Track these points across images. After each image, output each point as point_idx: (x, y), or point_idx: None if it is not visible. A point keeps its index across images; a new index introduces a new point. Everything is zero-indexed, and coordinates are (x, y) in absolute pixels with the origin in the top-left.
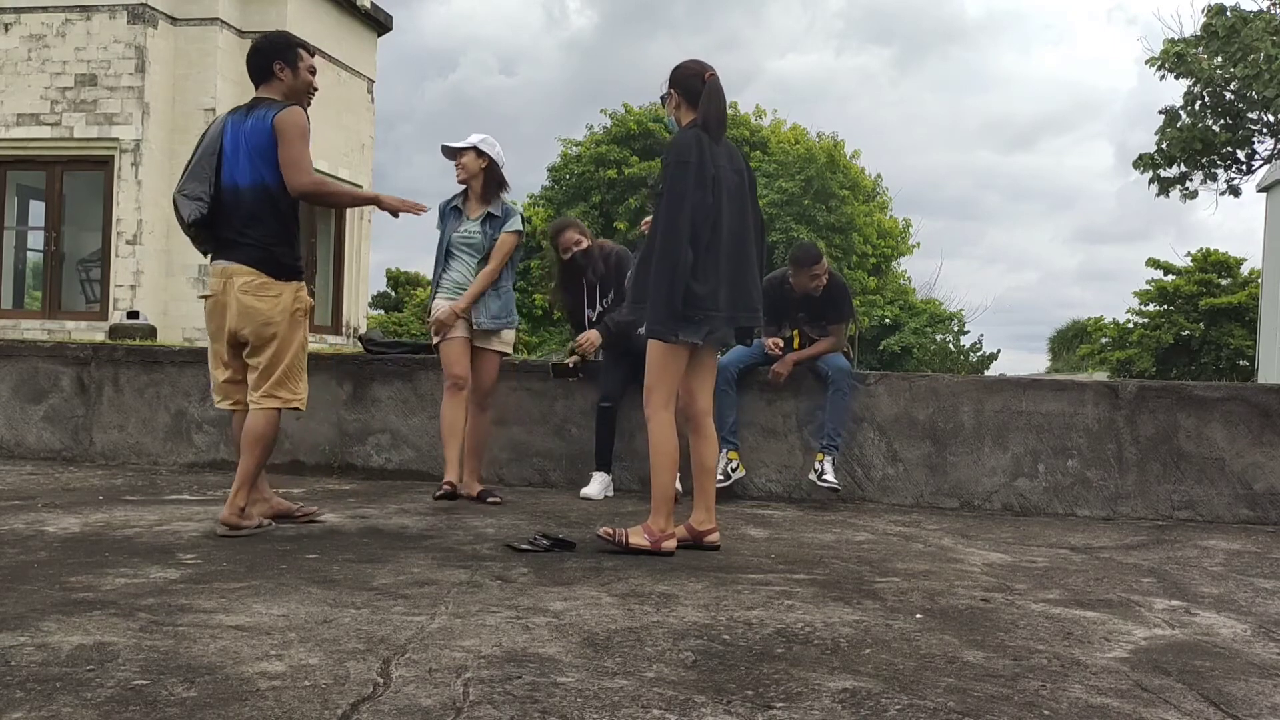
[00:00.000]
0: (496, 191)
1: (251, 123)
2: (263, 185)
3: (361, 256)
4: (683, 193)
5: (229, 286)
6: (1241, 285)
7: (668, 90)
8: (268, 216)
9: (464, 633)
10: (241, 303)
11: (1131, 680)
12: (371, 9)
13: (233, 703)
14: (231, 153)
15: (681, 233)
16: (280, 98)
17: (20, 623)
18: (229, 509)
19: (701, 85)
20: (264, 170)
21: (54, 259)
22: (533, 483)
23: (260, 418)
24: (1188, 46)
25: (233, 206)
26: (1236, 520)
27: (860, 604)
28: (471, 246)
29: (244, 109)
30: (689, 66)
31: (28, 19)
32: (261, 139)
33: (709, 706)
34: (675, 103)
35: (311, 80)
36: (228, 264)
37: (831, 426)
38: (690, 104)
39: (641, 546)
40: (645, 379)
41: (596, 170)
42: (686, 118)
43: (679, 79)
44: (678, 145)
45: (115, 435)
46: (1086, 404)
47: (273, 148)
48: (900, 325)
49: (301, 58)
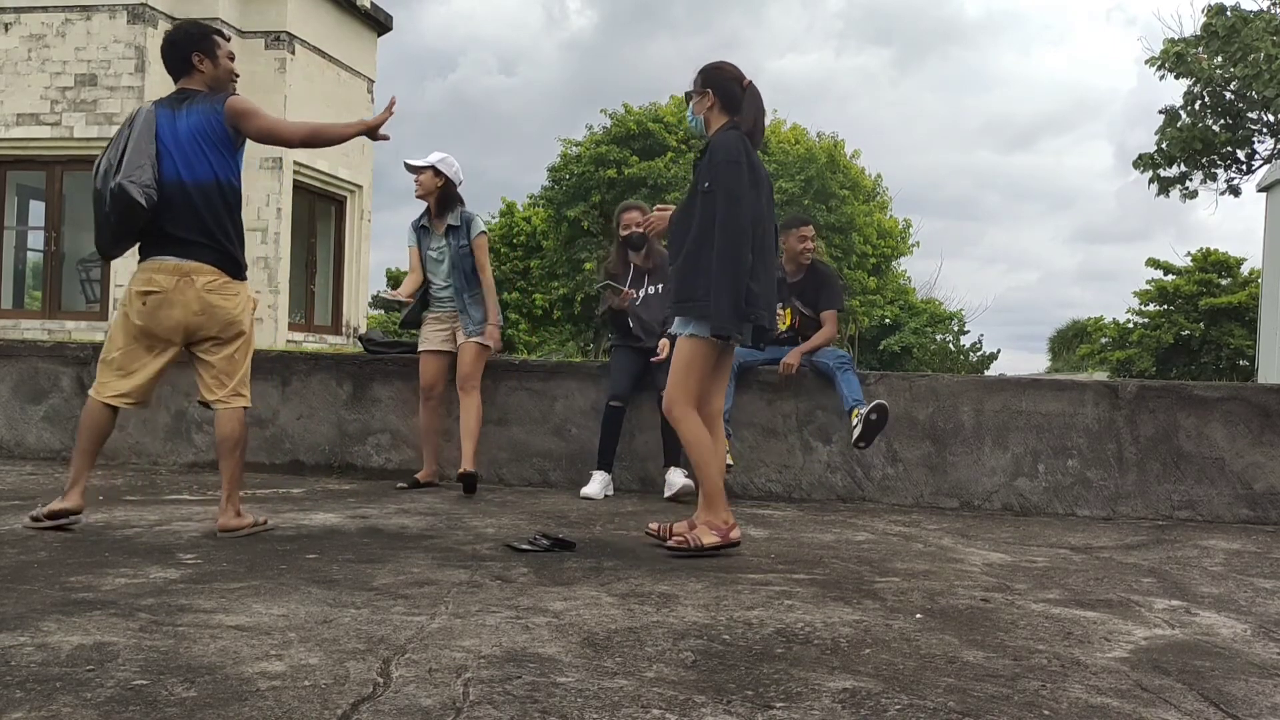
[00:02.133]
0: (452, 206)
1: (194, 117)
2: (215, 182)
3: (361, 256)
4: (739, 192)
5: (187, 285)
6: (1241, 285)
7: (703, 90)
8: (223, 215)
9: (464, 633)
10: (207, 302)
11: (1131, 680)
12: (371, 9)
13: (233, 703)
14: (173, 147)
15: (744, 232)
16: (202, 89)
17: (20, 623)
18: (227, 514)
19: (741, 91)
20: (218, 165)
21: (54, 259)
22: (533, 483)
23: (233, 418)
24: (1188, 46)
25: (180, 203)
26: (1236, 520)
27: (860, 604)
28: (440, 260)
29: (170, 102)
30: (728, 70)
31: (28, 19)
32: (213, 131)
33: (709, 706)
34: (710, 104)
35: (232, 68)
36: (183, 262)
37: (850, 394)
38: (726, 107)
39: (715, 544)
40: (671, 383)
41: (596, 170)
42: (719, 120)
43: (718, 81)
44: (727, 145)
45: (115, 435)
46: (1086, 404)
47: (227, 138)
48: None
49: (219, 45)
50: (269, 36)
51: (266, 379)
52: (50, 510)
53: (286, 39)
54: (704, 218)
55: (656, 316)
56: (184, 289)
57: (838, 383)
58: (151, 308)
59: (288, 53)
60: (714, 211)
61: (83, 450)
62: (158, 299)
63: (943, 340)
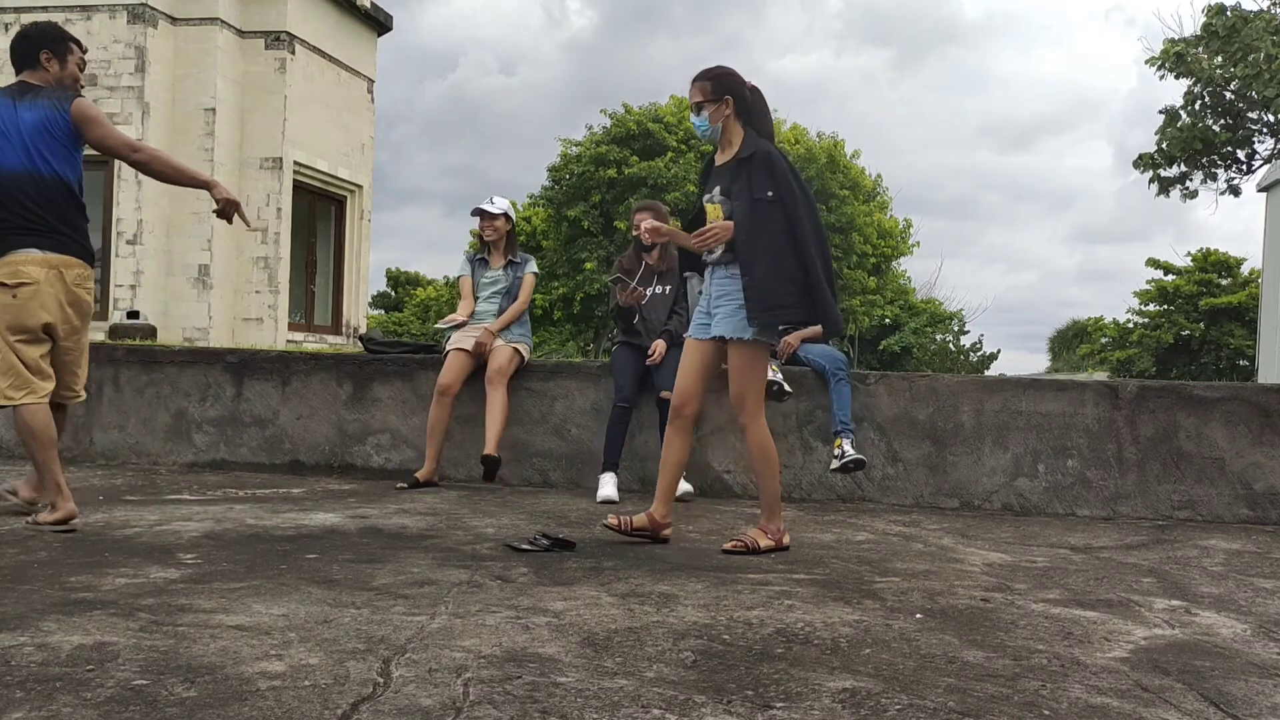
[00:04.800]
0: (513, 246)
1: (38, 112)
2: (66, 177)
3: (361, 256)
4: (812, 201)
5: (59, 278)
6: (1241, 285)
7: (721, 97)
8: (79, 209)
9: (464, 633)
10: (76, 295)
11: (1131, 680)
12: (371, 9)
13: (233, 703)
14: (14, 135)
15: (821, 234)
16: (42, 85)
17: (20, 623)
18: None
19: (750, 96)
20: (65, 164)
21: None
22: (533, 483)
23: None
24: (1188, 46)
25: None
26: (1236, 520)
27: (860, 604)
28: (497, 288)
29: (10, 92)
30: (735, 75)
31: (28, 19)
32: (58, 128)
33: (709, 706)
34: (729, 111)
35: (79, 76)
36: (52, 255)
37: (840, 413)
38: (740, 113)
39: (770, 547)
40: (738, 385)
41: (596, 170)
42: (734, 126)
43: (733, 87)
44: (781, 156)
45: (115, 435)
46: (1086, 404)
47: (72, 137)
48: (900, 325)
49: (72, 51)
50: (269, 36)
51: (266, 379)
52: (57, 518)
53: (286, 39)
54: (773, 225)
55: (660, 317)
56: (54, 283)
57: (830, 393)
58: (23, 301)
59: (288, 53)
60: (784, 220)
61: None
62: (32, 290)
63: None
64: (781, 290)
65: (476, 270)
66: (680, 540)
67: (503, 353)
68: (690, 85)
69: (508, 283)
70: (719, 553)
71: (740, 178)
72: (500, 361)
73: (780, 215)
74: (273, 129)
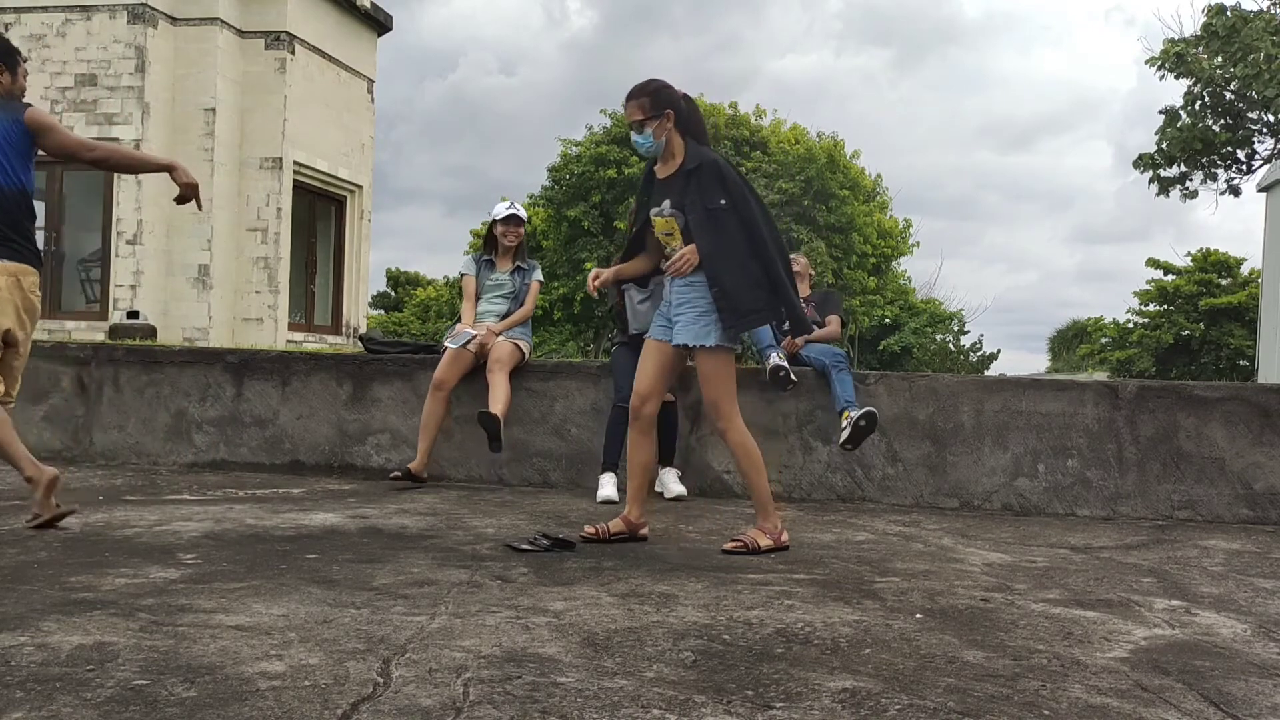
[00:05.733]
0: (523, 251)
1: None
2: (21, 188)
3: (361, 256)
4: (760, 201)
5: (17, 285)
6: (1241, 285)
7: (661, 111)
8: (32, 217)
9: (464, 633)
10: (30, 301)
11: (1131, 680)
12: (371, 9)
13: (233, 703)
14: None
15: (777, 236)
16: None
17: (20, 623)
18: None
19: (685, 106)
20: (23, 173)
21: (54, 259)
22: (533, 482)
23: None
24: (1188, 46)
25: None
26: (1236, 520)
27: (860, 604)
28: (503, 292)
29: None
30: (670, 87)
31: (28, 19)
32: (14, 139)
33: (709, 706)
34: (668, 123)
35: (25, 87)
36: (9, 263)
37: (844, 394)
38: (678, 125)
39: (770, 546)
40: (712, 391)
41: (596, 170)
42: (677, 137)
43: (670, 99)
44: (727, 163)
45: (115, 435)
46: (1086, 404)
47: (27, 148)
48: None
49: (20, 63)
50: (269, 36)
51: (266, 379)
52: (53, 516)
53: (286, 39)
54: (731, 233)
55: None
56: (14, 289)
57: (832, 382)
58: None
59: (288, 53)
60: (740, 225)
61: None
62: None
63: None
64: (751, 295)
65: (482, 271)
66: (680, 540)
67: (503, 346)
68: (625, 104)
69: (514, 287)
70: (719, 553)
71: (690, 189)
72: (501, 354)
73: (736, 221)
74: (273, 129)
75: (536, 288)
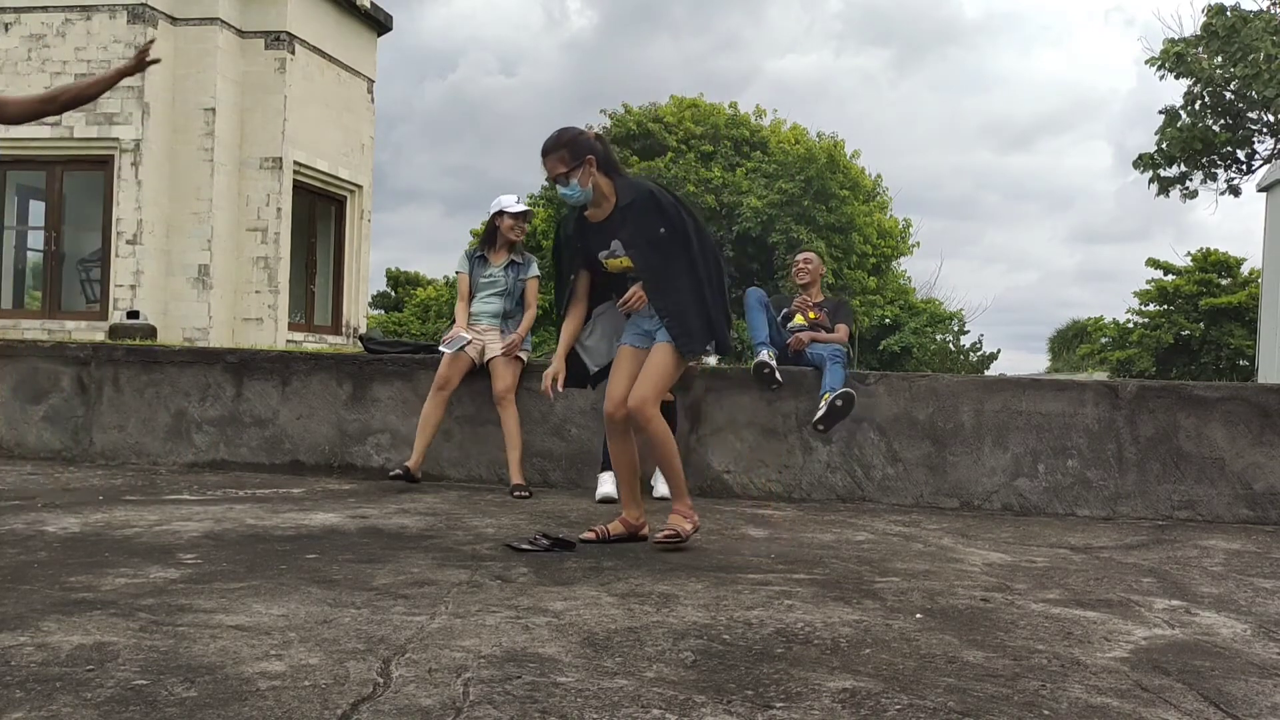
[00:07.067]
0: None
1: None
2: None
3: (361, 256)
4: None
5: None
6: (1241, 285)
7: (582, 159)
8: None
9: (464, 633)
10: None
11: (1131, 680)
12: (371, 9)
13: (233, 703)
14: None
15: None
16: None
17: (20, 623)
18: None
19: (601, 148)
20: None
21: (54, 259)
22: (532, 483)
23: None
24: (1188, 46)
25: None
26: (1236, 520)
27: (860, 604)
28: (496, 289)
29: None
30: (583, 132)
31: (28, 19)
32: None
33: (709, 706)
34: (591, 168)
35: None
36: None
37: (830, 380)
38: (600, 167)
39: (690, 530)
40: (647, 385)
41: None
42: (603, 177)
43: (588, 144)
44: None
45: (115, 435)
46: (1086, 404)
47: None
48: (900, 325)
49: None
50: (269, 36)
51: (266, 379)
52: None
53: (286, 39)
54: (675, 261)
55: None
56: None
57: (825, 371)
58: None
59: (288, 53)
60: (682, 249)
61: None
62: None
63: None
64: (699, 321)
65: (475, 268)
66: None
67: (507, 368)
68: (544, 160)
69: (508, 284)
70: (654, 546)
71: (628, 225)
72: (507, 380)
73: (678, 246)
74: (273, 129)
75: (535, 285)
